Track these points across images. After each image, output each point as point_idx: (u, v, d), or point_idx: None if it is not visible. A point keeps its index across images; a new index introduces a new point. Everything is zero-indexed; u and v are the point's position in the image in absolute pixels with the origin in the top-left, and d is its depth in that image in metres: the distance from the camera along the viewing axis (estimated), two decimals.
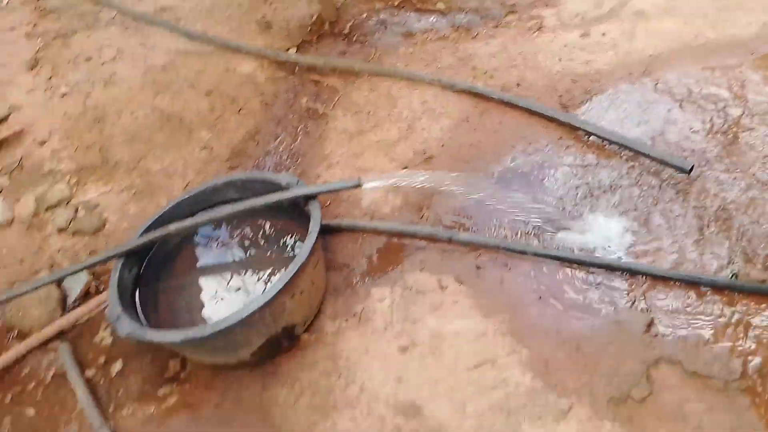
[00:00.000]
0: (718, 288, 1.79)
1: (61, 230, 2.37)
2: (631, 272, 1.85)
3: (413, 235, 2.06)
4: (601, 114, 2.40)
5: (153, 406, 1.82)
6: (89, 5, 3.55)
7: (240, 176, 2.04)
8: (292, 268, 1.64)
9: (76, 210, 2.43)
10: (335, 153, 2.47)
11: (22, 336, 2.06)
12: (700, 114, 2.34)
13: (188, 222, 1.90)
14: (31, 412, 1.87)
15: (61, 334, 2.05)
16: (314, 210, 1.81)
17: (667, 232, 1.96)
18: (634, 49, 2.69)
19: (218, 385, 1.83)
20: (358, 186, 1.84)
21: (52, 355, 2.00)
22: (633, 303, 1.79)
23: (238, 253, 2.07)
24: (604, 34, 2.80)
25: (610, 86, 2.52)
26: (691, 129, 2.29)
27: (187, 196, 2.04)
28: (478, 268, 1.95)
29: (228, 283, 1.99)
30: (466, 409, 1.64)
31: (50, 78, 3.10)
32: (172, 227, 1.89)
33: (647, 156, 2.17)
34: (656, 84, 2.50)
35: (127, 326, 1.67)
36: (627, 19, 2.82)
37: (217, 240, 2.09)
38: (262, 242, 2.07)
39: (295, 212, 2.01)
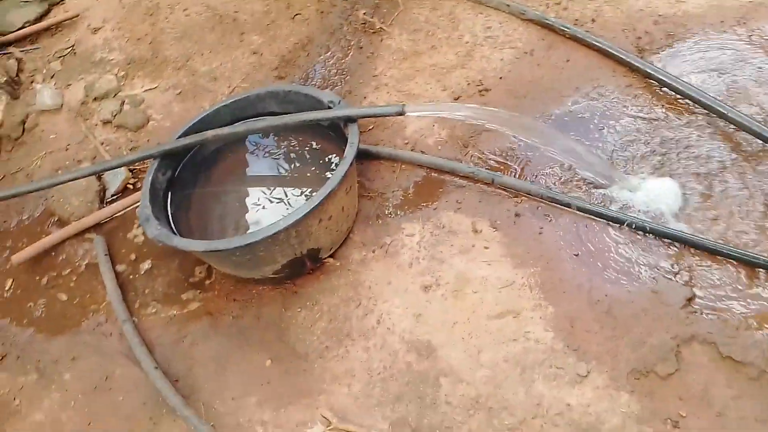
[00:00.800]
0: None
1: (106, 122, 2.38)
2: (680, 241, 1.72)
3: (453, 172, 1.97)
4: (680, 63, 2.17)
5: (176, 308, 1.86)
6: None
7: (283, 87, 1.97)
8: (321, 193, 1.59)
9: (122, 103, 2.42)
10: (385, 74, 2.34)
11: (61, 223, 2.12)
12: None
13: (225, 130, 1.86)
14: (63, 297, 1.95)
15: (97, 226, 2.10)
16: (352, 134, 1.73)
17: (729, 204, 1.80)
18: None
19: (240, 297, 1.85)
20: (401, 113, 1.74)
21: (87, 245, 2.06)
22: (676, 273, 1.68)
23: (274, 167, 2.03)
24: None
25: (696, 32, 2.27)
26: None
27: (228, 102, 2.00)
28: (516, 215, 1.86)
29: (259, 197, 1.97)
30: (480, 358, 1.61)
31: None
32: (209, 134, 1.86)
33: (723, 116, 1.96)
34: (751, 35, 2.23)
35: (154, 229, 1.68)
36: None
37: (255, 151, 2.05)
38: (299, 158, 2.03)
39: (336, 131, 1.94)
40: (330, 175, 1.66)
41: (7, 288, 2.00)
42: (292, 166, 2.02)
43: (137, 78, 2.51)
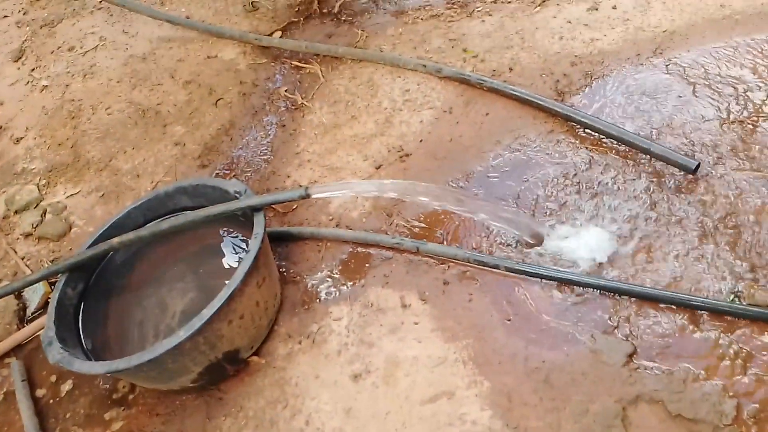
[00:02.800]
0: (716, 312, 1.55)
1: (27, 235, 2.30)
2: (614, 291, 1.63)
3: (378, 245, 1.88)
4: (600, 102, 2.14)
5: (98, 431, 1.73)
6: None
7: (190, 182, 1.90)
8: (223, 294, 1.50)
9: (44, 213, 2.35)
10: (308, 150, 2.29)
11: None
12: (715, 100, 2.05)
13: (131, 235, 1.78)
14: None
15: (18, 348, 1.98)
16: (257, 224, 1.65)
17: (662, 243, 1.72)
18: (647, 23, 2.38)
19: (164, 411, 1.72)
20: (307, 197, 1.67)
21: (6, 371, 1.93)
22: (615, 328, 1.58)
23: (194, 264, 1.95)
24: (614, 7, 2.49)
25: (614, 69, 2.24)
26: (703, 118, 2.01)
27: (139, 203, 1.92)
28: (445, 283, 1.76)
29: (182, 297, 1.88)
30: None
31: (33, 69, 3.02)
32: (115, 241, 1.77)
33: (647, 152, 1.91)
34: (668, 65, 2.20)
35: (56, 353, 1.57)
36: None
37: (172, 250, 1.96)
38: (220, 251, 1.94)
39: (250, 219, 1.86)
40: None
41: None
42: (215, 259, 1.94)
43: (59, 184, 2.44)
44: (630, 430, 1.41)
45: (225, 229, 1.96)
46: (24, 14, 3.43)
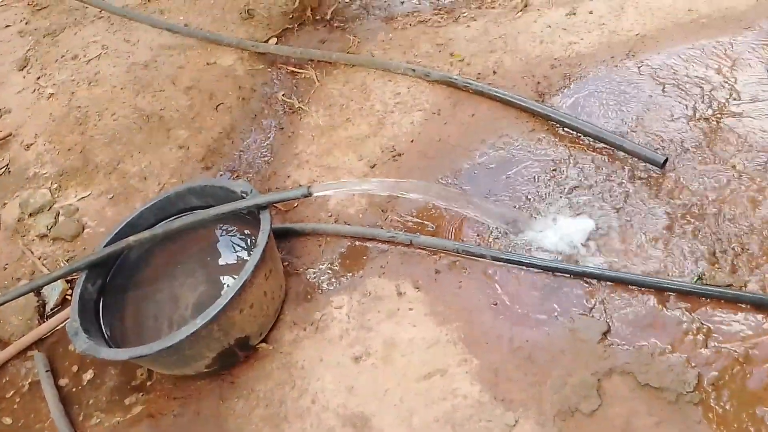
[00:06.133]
0: (681, 293, 1.72)
1: (42, 236, 2.44)
2: (590, 276, 1.79)
3: (375, 239, 2.04)
4: (577, 102, 2.30)
5: (119, 415, 1.88)
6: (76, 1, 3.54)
7: (199, 183, 2.05)
8: (235, 285, 1.65)
9: (57, 215, 2.48)
10: (306, 151, 2.44)
11: (2, 344, 2.14)
12: (682, 99, 2.22)
13: (146, 234, 1.92)
14: (8, 420, 1.96)
15: (40, 342, 2.12)
16: (263, 221, 1.80)
17: (634, 232, 1.88)
18: (620, 28, 2.55)
19: (179, 395, 1.87)
20: (308, 195, 1.83)
21: (30, 363, 2.07)
22: (591, 309, 1.75)
23: (204, 259, 2.10)
24: (591, 12, 2.65)
25: (590, 70, 2.41)
26: (671, 116, 2.18)
27: (150, 204, 2.06)
28: (436, 272, 1.92)
29: (193, 290, 2.02)
30: (412, 422, 1.64)
31: (39, 78, 3.15)
32: (131, 239, 1.92)
33: (620, 148, 2.08)
34: (640, 66, 2.37)
35: (83, 343, 1.72)
36: None
37: (184, 246, 2.11)
38: (228, 247, 2.09)
39: (256, 216, 2.01)
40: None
41: None
42: (222, 255, 2.08)
43: (70, 188, 2.58)
44: (605, 399, 1.58)
45: (230, 227, 2.11)
46: (26, 24, 3.55)
